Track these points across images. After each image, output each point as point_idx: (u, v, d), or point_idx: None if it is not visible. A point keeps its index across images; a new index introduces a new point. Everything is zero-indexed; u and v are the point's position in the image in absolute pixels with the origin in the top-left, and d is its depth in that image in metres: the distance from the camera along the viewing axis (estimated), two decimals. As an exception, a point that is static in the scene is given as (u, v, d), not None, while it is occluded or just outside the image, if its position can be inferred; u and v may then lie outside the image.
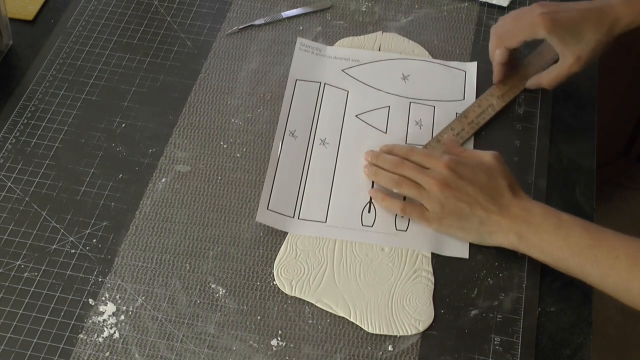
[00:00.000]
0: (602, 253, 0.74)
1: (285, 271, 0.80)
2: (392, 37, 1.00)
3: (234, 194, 0.86)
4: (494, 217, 0.79)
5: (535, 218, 0.78)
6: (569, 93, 0.96)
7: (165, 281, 0.80)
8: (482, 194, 0.79)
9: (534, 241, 0.77)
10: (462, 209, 0.79)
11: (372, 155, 0.87)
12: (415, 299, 0.78)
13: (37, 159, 0.88)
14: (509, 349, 0.75)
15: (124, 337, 0.76)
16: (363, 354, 0.75)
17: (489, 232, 0.80)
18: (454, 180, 0.80)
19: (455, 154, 0.84)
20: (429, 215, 0.81)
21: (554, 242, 0.76)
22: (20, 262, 0.80)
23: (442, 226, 0.81)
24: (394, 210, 0.83)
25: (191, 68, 0.97)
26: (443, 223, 0.81)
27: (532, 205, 0.79)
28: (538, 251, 0.77)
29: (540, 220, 0.77)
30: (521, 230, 0.78)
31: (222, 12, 1.03)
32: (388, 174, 0.84)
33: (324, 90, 0.95)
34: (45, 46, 0.99)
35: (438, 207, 0.80)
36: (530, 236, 0.77)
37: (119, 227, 0.83)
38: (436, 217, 0.81)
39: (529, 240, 0.77)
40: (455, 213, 0.80)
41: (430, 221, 0.82)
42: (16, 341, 0.75)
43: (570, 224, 0.77)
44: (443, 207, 0.80)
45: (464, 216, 0.80)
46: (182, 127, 0.91)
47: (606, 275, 0.73)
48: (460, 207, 0.79)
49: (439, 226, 0.81)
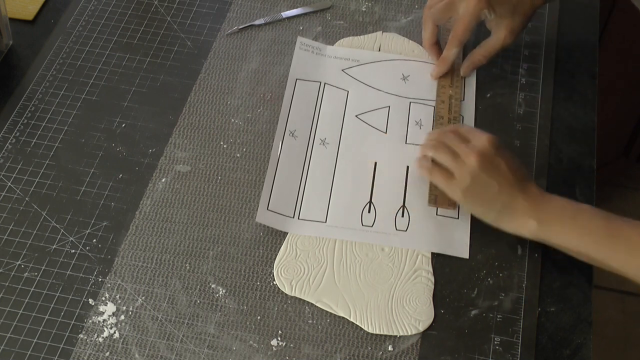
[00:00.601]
0: (621, 242, 0.75)
1: (285, 271, 0.80)
2: (392, 37, 1.00)
3: (234, 194, 0.86)
4: (519, 201, 0.79)
5: (556, 207, 0.79)
6: (569, 93, 0.96)
7: (165, 281, 0.80)
8: (513, 176, 0.80)
9: (554, 228, 0.78)
10: (491, 185, 0.79)
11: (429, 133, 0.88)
12: (415, 299, 0.78)
13: (37, 159, 0.88)
14: (509, 349, 0.75)
15: (124, 337, 0.76)
16: (363, 354, 0.75)
17: (509, 215, 0.79)
18: (492, 155, 0.80)
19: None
20: (455, 184, 0.81)
21: (573, 230, 0.77)
22: (20, 262, 0.80)
23: (466, 198, 0.81)
24: (420, 171, 0.84)
25: (191, 68, 0.97)
26: (467, 195, 0.81)
27: (553, 196, 0.81)
28: (557, 238, 0.78)
29: (561, 209, 0.79)
30: (542, 217, 0.78)
31: (222, 12, 1.03)
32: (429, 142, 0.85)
33: (324, 90, 0.95)
34: (45, 46, 0.99)
35: (468, 177, 0.80)
36: (550, 223, 0.78)
37: (119, 227, 0.83)
38: (462, 188, 0.80)
39: (549, 227, 0.78)
40: (483, 188, 0.80)
41: (454, 190, 0.81)
42: (16, 341, 0.75)
43: (590, 213, 0.78)
44: (473, 179, 0.80)
45: (489, 193, 0.80)
46: (182, 127, 0.91)
47: (627, 262, 0.75)
48: (490, 184, 0.79)
49: (462, 197, 0.81)
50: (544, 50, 0.99)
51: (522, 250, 0.82)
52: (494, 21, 0.92)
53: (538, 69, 0.97)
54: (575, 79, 0.97)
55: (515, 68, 0.97)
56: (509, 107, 0.93)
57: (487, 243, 0.83)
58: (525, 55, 0.98)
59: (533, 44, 1.00)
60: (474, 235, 0.83)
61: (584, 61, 0.99)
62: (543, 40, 1.00)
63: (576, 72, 0.98)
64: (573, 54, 0.99)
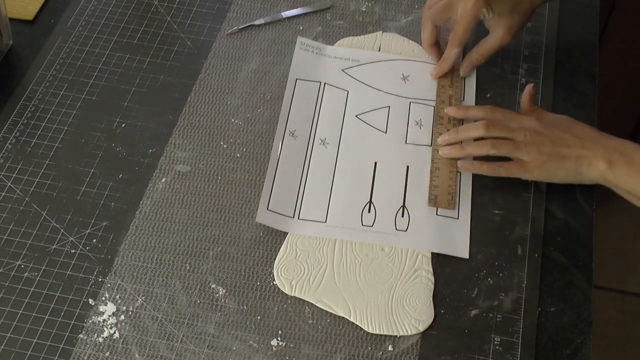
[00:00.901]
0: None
1: (285, 271, 0.80)
2: (392, 37, 1.00)
3: (234, 194, 0.86)
4: (589, 147, 0.82)
5: (627, 149, 0.81)
6: (569, 93, 0.96)
7: (165, 281, 0.80)
8: (571, 135, 0.83)
9: (624, 171, 0.80)
10: (560, 149, 0.82)
11: (449, 134, 0.88)
12: (415, 299, 0.78)
13: (37, 159, 0.88)
14: (509, 349, 0.75)
15: (124, 337, 0.76)
16: (363, 354, 0.75)
17: (587, 165, 0.82)
18: (544, 128, 0.84)
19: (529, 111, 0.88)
20: (529, 165, 0.83)
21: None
22: (20, 262, 0.80)
23: (544, 171, 0.83)
24: (495, 172, 0.85)
25: (191, 68, 0.97)
26: (544, 168, 0.83)
27: (625, 141, 0.82)
28: (626, 182, 0.80)
29: (632, 151, 0.81)
30: (613, 158, 0.80)
31: (222, 12, 1.03)
32: (478, 142, 0.86)
33: (324, 90, 0.95)
34: (45, 46, 0.99)
35: (537, 153, 0.83)
36: (621, 165, 0.80)
37: (119, 227, 0.83)
38: (537, 164, 0.83)
39: (619, 169, 0.80)
40: (554, 154, 0.82)
41: (531, 170, 0.83)
42: (16, 341, 0.75)
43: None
44: (541, 152, 0.82)
45: (561, 155, 0.82)
46: (182, 127, 0.91)
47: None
48: (558, 148, 0.82)
49: (541, 172, 0.83)
50: (544, 50, 0.99)
51: (522, 250, 0.82)
52: (492, 20, 0.92)
53: (538, 69, 0.97)
54: (575, 79, 0.97)
55: (515, 68, 0.97)
56: (509, 107, 0.93)
57: (487, 243, 0.83)
58: (525, 55, 0.98)
59: (533, 44, 1.00)
60: (474, 235, 0.83)
61: (584, 61, 0.99)
62: (543, 40, 1.00)
63: (576, 72, 0.98)
64: (573, 54, 0.99)
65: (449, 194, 0.85)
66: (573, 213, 0.85)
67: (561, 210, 0.85)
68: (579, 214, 0.85)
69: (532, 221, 0.84)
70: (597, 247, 0.84)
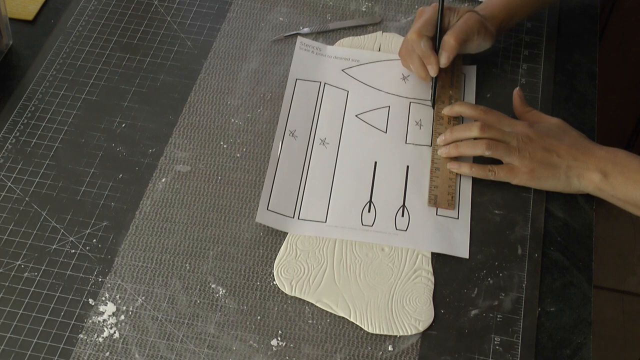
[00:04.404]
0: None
1: (285, 271, 0.80)
2: (392, 37, 1.00)
3: (234, 194, 0.86)
4: (580, 158, 0.83)
5: (620, 159, 0.82)
6: (569, 93, 0.96)
7: (165, 281, 0.80)
8: (564, 144, 0.84)
9: (619, 180, 0.80)
10: (550, 157, 0.83)
11: (446, 134, 0.88)
12: (415, 299, 0.78)
13: (37, 159, 0.88)
14: (509, 349, 0.75)
15: (124, 337, 0.76)
16: (363, 354, 0.75)
17: (577, 176, 0.83)
18: (538, 135, 0.85)
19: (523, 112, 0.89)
20: (519, 171, 0.84)
21: (637, 182, 0.79)
22: (20, 262, 0.80)
23: (533, 178, 0.84)
24: (484, 176, 0.85)
25: (191, 68, 0.97)
26: (534, 175, 0.84)
27: (615, 149, 0.83)
28: (622, 191, 0.80)
29: (626, 160, 0.81)
30: (607, 169, 0.81)
31: (222, 12, 1.03)
32: (472, 142, 0.86)
33: (324, 90, 0.95)
34: (45, 46, 0.99)
35: (528, 160, 0.83)
36: (615, 175, 0.81)
37: (119, 227, 0.83)
38: (526, 171, 0.84)
39: (614, 179, 0.81)
40: (545, 162, 0.83)
41: (520, 176, 0.84)
42: (16, 341, 0.75)
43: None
44: (533, 158, 0.83)
45: (552, 163, 0.83)
46: (182, 127, 0.91)
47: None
48: (549, 156, 0.83)
49: (529, 178, 0.84)
50: (544, 50, 0.99)
51: (522, 250, 0.82)
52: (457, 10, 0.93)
53: (538, 69, 0.97)
54: (575, 79, 0.97)
55: (515, 68, 0.97)
56: (509, 107, 0.93)
57: (487, 243, 0.83)
58: (525, 55, 0.99)
59: (533, 44, 1.00)
60: (474, 235, 0.83)
61: (584, 61, 0.99)
62: (543, 40, 1.00)
63: (576, 72, 0.98)
64: (573, 54, 0.99)
65: (449, 194, 0.85)
66: (573, 213, 0.85)
67: (561, 210, 0.85)
68: (579, 214, 0.85)
69: (532, 221, 0.84)
70: (597, 247, 0.84)
